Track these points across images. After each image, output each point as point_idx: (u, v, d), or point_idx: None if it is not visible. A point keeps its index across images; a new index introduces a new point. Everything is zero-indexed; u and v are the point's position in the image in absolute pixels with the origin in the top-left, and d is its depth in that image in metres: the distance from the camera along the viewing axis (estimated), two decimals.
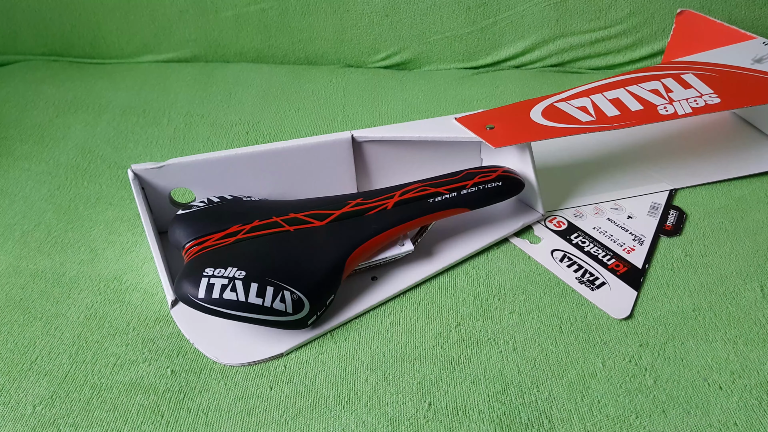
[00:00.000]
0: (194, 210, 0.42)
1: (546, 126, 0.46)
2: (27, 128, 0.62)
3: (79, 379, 0.38)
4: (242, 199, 0.44)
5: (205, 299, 0.36)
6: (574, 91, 0.49)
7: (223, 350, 0.39)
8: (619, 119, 0.46)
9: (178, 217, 0.42)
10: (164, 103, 0.66)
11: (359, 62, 0.73)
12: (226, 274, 0.37)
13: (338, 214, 0.42)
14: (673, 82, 0.50)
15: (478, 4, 0.68)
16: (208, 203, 0.43)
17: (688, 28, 0.62)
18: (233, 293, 0.36)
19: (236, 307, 0.37)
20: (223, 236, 0.40)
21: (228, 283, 0.37)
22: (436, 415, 0.35)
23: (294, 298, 0.38)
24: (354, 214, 0.42)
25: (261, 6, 0.70)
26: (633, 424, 0.35)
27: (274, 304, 0.37)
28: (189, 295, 0.37)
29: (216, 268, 0.37)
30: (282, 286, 0.38)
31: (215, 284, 0.37)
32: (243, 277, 0.37)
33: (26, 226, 0.50)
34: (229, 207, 0.43)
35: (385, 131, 0.46)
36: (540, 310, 0.42)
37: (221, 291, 0.36)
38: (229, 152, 0.45)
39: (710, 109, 0.47)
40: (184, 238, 0.41)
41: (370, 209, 0.43)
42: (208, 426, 0.35)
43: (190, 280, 0.37)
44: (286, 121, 0.63)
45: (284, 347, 0.39)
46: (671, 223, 0.48)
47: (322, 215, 0.42)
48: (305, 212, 0.42)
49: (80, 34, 0.73)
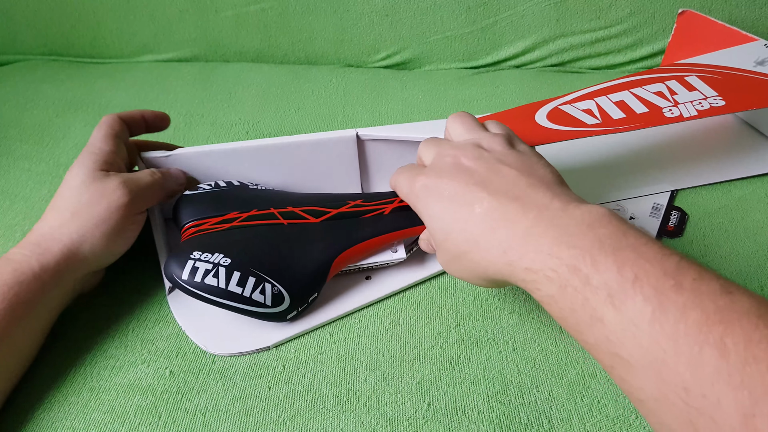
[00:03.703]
0: (199, 192, 0.43)
1: (552, 129, 0.45)
2: (27, 128, 0.63)
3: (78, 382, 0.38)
4: (248, 187, 0.45)
5: (187, 281, 0.37)
6: (578, 94, 0.49)
7: (212, 339, 0.40)
8: (624, 122, 0.46)
9: (183, 198, 0.43)
10: (164, 103, 0.66)
11: (359, 62, 0.73)
12: (212, 260, 0.37)
13: (334, 213, 0.42)
14: (677, 84, 0.50)
15: (478, 4, 0.68)
16: (214, 187, 0.44)
17: (689, 29, 0.61)
18: (215, 279, 0.37)
19: (216, 293, 0.37)
20: (219, 221, 0.41)
21: (212, 268, 0.37)
22: (435, 416, 0.35)
23: (275, 292, 0.38)
24: (350, 215, 0.42)
25: (261, 6, 0.70)
26: (633, 424, 0.34)
27: (254, 295, 0.37)
28: (174, 275, 0.37)
29: (204, 252, 0.38)
30: (264, 278, 0.38)
31: (199, 268, 0.37)
32: (227, 265, 0.37)
33: (27, 227, 0.50)
34: (232, 193, 0.43)
35: (389, 131, 0.46)
36: (540, 310, 0.41)
37: (204, 275, 0.37)
38: (236, 144, 0.45)
39: (715, 111, 0.47)
40: (184, 218, 0.42)
41: (367, 212, 0.42)
42: (206, 426, 0.35)
43: (177, 260, 0.38)
44: (286, 121, 0.63)
45: (272, 340, 0.39)
46: (673, 224, 0.48)
47: (319, 212, 0.42)
48: (303, 207, 0.42)
49: (80, 34, 0.73)
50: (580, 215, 0.28)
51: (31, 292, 0.36)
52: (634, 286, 0.24)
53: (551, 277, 0.27)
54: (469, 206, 0.32)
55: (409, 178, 0.37)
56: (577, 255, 0.27)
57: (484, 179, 0.32)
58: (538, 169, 0.33)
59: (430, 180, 0.35)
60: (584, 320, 0.26)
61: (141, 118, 0.45)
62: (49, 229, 0.38)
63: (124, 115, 0.44)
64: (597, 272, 0.26)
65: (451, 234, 0.33)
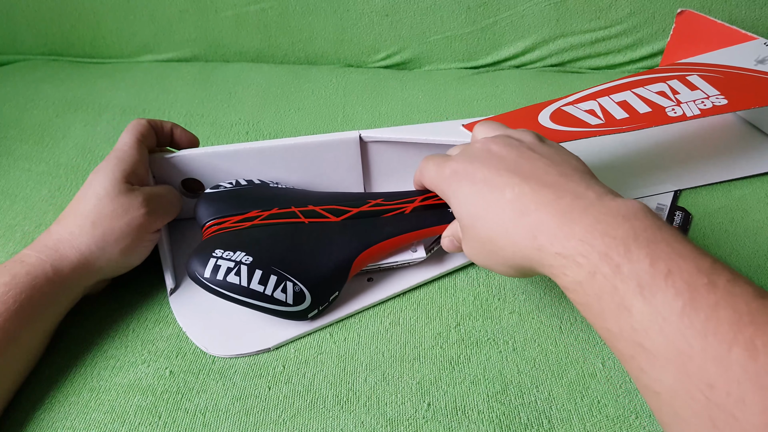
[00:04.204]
0: (220, 190, 0.43)
1: (556, 130, 0.45)
2: (27, 128, 0.63)
3: (78, 382, 0.38)
4: (269, 185, 0.45)
5: (209, 279, 0.37)
6: (580, 95, 0.49)
7: (212, 341, 0.40)
8: (628, 122, 0.46)
9: (205, 196, 0.43)
10: (164, 103, 0.66)
11: (359, 62, 0.73)
12: (234, 258, 0.37)
13: (355, 212, 0.42)
14: (679, 83, 0.50)
15: (478, 4, 0.68)
16: (235, 185, 0.44)
17: (688, 29, 0.61)
18: (237, 277, 0.37)
19: (238, 291, 0.37)
20: (241, 219, 0.41)
21: (234, 266, 0.37)
22: (435, 416, 0.35)
23: (296, 290, 0.38)
24: (370, 214, 0.42)
25: (261, 6, 0.70)
26: (633, 424, 0.34)
27: (275, 294, 0.38)
28: (196, 273, 0.38)
29: (226, 250, 0.38)
30: (286, 276, 0.38)
31: (221, 266, 0.37)
32: (249, 263, 0.37)
33: (27, 227, 0.50)
34: (253, 191, 0.43)
35: (392, 133, 0.46)
36: (540, 310, 0.42)
37: (226, 273, 0.37)
38: (238, 146, 0.45)
39: (718, 110, 0.47)
40: (205, 217, 0.42)
41: (388, 211, 0.42)
42: (206, 426, 0.35)
43: (199, 258, 0.38)
44: (286, 121, 0.63)
45: (273, 342, 0.39)
46: (677, 223, 0.48)
47: (340, 211, 0.42)
48: (324, 206, 0.42)
49: (80, 34, 0.73)
50: (616, 207, 0.28)
51: (43, 295, 0.36)
52: (667, 280, 0.24)
53: (581, 263, 0.27)
54: (500, 191, 0.32)
55: (438, 164, 0.36)
56: (610, 243, 0.26)
57: (516, 165, 0.32)
58: (570, 160, 0.33)
59: (459, 165, 0.34)
60: (610, 308, 0.26)
61: (170, 131, 0.45)
62: (68, 235, 0.38)
63: (154, 123, 0.44)
64: (629, 262, 0.26)
65: (480, 219, 0.32)
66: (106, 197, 0.38)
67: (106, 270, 0.39)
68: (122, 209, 0.39)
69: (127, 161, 0.40)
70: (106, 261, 0.39)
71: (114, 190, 0.39)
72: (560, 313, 0.41)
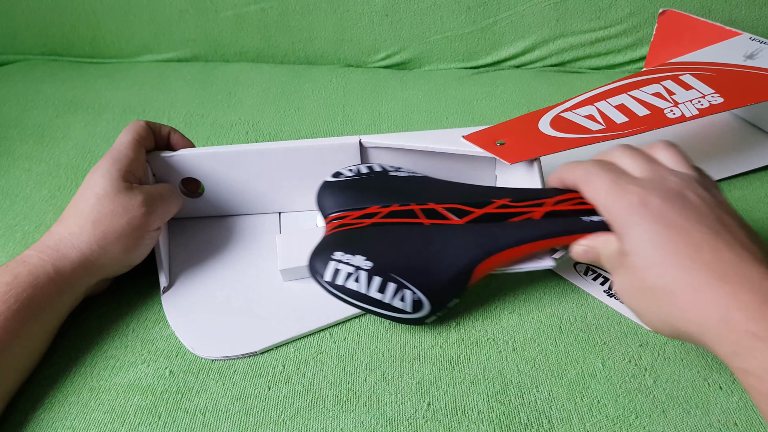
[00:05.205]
0: (341, 180, 0.43)
1: (558, 137, 0.45)
2: (27, 128, 0.63)
3: (78, 382, 0.38)
4: (388, 174, 0.43)
5: (330, 283, 0.38)
6: (577, 100, 0.49)
7: (201, 343, 0.39)
8: (628, 125, 0.46)
9: (326, 184, 0.43)
10: (164, 103, 0.66)
11: (359, 62, 0.73)
12: (353, 262, 0.37)
13: (479, 215, 0.39)
14: (673, 83, 0.50)
15: (478, 4, 0.68)
16: (356, 174, 0.43)
17: (671, 28, 0.61)
18: (356, 284, 0.37)
19: (357, 298, 0.37)
20: (361, 216, 0.40)
21: (353, 272, 0.37)
22: (435, 415, 0.35)
23: (415, 299, 0.38)
24: (496, 217, 0.39)
25: (261, 6, 0.70)
26: (633, 424, 0.34)
27: (394, 302, 0.37)
28: (317, 274, 0.38)
29: (346, 253, 0.38)
30: (404, 284, 0.38)
31: (341, 270, 0.37)
32: (369, 269, 0.37)
33: (27, 227, 0.50)
34: (373, 183, 0.43)
35: (392, 139, 0.46)
36: (540, 310, 0.42)
37: (345, 279, 0.37)
38: (239, 147, 0.45)
39: (715, 109, 0.47)
40: (328, 208, 0.42)
41: (515, 215, 0.39)
42: (205, 426, 0.35)
43: (321, 258, 0.38)
44: (286, 121, 0.63)
45: (260, 346, 0.39)
46: None
47: (462, 212, 0.40)
48: (446, 204, 0.40)
49: (80, 34, 0.73)
50: None
51: (44, 295, 0.36)
52: None
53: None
54: (696, 248, 0.30)
55: (616, 183, 0.34)
56: None
57: (714, 226, 0.31)
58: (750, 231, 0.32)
59: (652, 198, 0.32)
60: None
61: (167, 134, 0.45)
62: (68, 235, 0.38)
63: (152, 125, 0.44)
64: None
65: (662, 267, 0.30)
66: (106, 197, 0.39)
67: (108, 269, 0.40)
68: (122, 208, 0.39)
69: (124, 160, 0.40)
70: (107, 260, 0.39)
71: (113, 189, 0.39)
72: (560, 313, 0.41)
